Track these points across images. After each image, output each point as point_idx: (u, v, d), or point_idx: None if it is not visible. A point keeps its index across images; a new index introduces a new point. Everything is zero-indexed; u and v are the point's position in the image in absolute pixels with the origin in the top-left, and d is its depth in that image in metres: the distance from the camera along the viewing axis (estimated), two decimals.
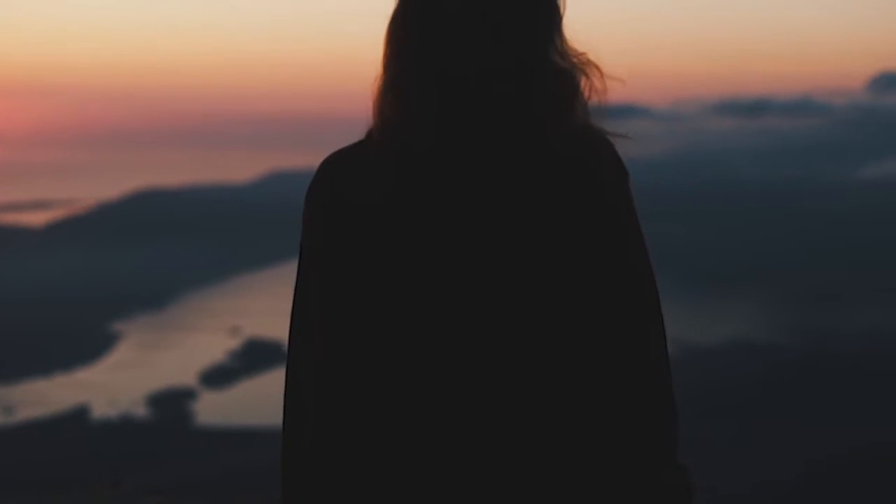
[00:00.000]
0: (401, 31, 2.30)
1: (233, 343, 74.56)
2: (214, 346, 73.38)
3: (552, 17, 2.31)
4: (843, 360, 55.26)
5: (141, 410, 60.97)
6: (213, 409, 60.64)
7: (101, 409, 59.93)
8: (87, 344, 74.53)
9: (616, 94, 2.34)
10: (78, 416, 58.55)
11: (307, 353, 2.32)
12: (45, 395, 62.76)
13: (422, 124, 2.25)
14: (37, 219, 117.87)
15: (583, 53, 2.32)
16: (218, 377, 67.75)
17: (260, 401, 60.70)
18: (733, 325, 72.73)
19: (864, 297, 78.24)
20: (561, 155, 2.25)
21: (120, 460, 44.16)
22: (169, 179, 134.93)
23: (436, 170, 2.24)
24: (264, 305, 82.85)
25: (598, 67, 2.32)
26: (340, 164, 2.32)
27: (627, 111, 2.34)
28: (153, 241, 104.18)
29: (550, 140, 2.25)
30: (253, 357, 70.48)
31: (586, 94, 2.30)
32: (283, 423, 2.37)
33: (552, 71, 2.28)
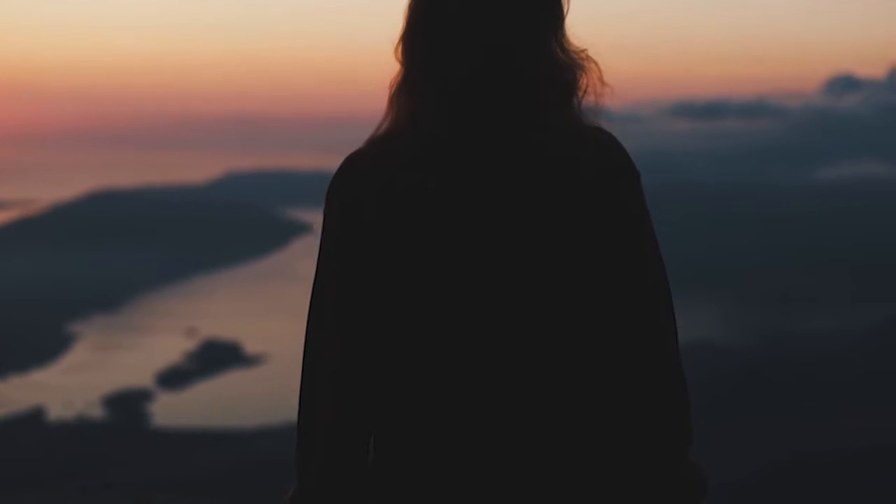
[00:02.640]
0: (410, 32, 2.33)
1: (189, 344, 74.49)
2: (171, 348, 73.29)
3: (557, 13, 2.33)
4: (800, 363, 55.73)
5: (97, 412, 60.82)
6: (169, 410, 60.56)
7: (57, 410, 59.73)
8: (43, 345, 74.27)
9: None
10: (34, 418, 58.30)
11: (323, 351, 2.33)
12: (0, 397, 62.53)
13: (431, 124, 2.27)
14: None
15: (583, 50, 2.34)
16: (174, 378, 67.62)
17: (216, 402, 60.83)
18: (691, 328, 73.15)
19: (822, 299, 78.92)
20: (563, 152, 2.27)
21: (77, 462, 44.11)
22: (124, 180, 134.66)
23: (446, 168, 2.26)
24: (221, 307, 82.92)
25: (596, 64, 2.35)
26: (358, 163, 2.33)
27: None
28: (109, 242, 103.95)
29: (557, 134, 2.28)
30: (209, 358, 70.60)
31: (585, 89, 2.34)
32: (298, 419, 2.37)
33: (558, 66, 2.30)
